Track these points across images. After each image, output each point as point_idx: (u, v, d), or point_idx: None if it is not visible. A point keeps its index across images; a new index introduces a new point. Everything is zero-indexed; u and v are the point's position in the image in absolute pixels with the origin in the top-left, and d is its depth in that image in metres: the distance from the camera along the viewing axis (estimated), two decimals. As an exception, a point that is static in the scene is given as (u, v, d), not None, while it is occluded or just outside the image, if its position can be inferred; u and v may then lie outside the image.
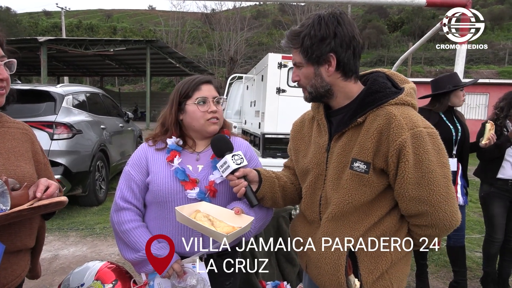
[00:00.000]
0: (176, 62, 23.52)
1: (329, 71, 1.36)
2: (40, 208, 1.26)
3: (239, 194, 1.50)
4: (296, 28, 1.39)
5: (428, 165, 1.25)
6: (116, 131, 7.33)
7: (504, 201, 3.26)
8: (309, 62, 1.37)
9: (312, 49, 1.34)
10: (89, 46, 18.83)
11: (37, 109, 5.37)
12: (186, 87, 1.71)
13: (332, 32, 1.31)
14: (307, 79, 1.40)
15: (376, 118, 1.31)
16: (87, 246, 4.43)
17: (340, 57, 1.34)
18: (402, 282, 1.42)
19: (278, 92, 6.26)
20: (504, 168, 3.21)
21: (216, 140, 1.61)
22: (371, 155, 1.30)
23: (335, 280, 1.38)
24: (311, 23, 1.34)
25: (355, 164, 1.33)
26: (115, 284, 1.73)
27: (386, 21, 45.62)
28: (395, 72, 1.48)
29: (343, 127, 1.38)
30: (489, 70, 29.84)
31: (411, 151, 1.24)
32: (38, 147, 1.55)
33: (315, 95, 1.42)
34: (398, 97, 1.33)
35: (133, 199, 1.70)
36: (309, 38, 1.33)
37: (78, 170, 5.48)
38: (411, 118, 1.28)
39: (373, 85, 1.38)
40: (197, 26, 44.64)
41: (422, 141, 1.25)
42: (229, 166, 1.48)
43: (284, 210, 2.97)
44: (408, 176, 1.25)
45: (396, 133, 1.25)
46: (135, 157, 1.75)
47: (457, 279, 3.31)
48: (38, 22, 53.44)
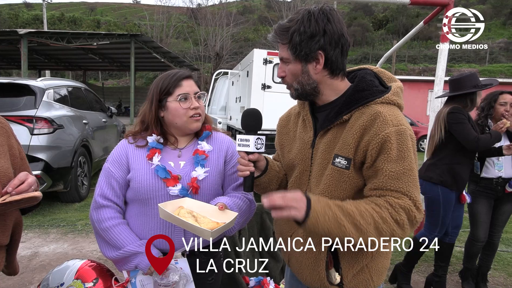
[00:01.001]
0: (161, 57, 23.26)
1: (317, 69, 1.35)
2: (12, 204, 1.22)
3: (240, 174, 1.44)
4: (284, 23, 1.36)
5: (410, 162, 1.25)
6: (99, 126, 7.22)
7: (489, 200, 3.32)
8: (297, 59, 1.35)
9: (301, 46, 1.31)
10: (71, 40, 18.47)
11: (16, 103, 5.23)
12: (166, 83, 1.67)
13: (322, 29, 1.29)
14: (294, 76, 1.38)
15: (361, 115, 1.31)
16: (68, 243, 4.35)
17: (328, 55, 1.32)
18: (382, 275, 1.44)
19: (263, 88, 6.26)
20: (488, 167, 3.28)
21: (249, 113, 1.49)
22: (353, 151, 1.30)
23: (315, 275, 1.40)
24: (301, 18, 1.31)
25: (336, 159, 1.33)
26: (95, 283, 1.70)
27: (371, 19, 46.06)
28: (383, 70, 1.48)
29: (328, 123, 1.38)
30: (470, 68, 30.41)
31: (395, 146, 1.24)
32: (14, 141, 1.51)
33: (301, 92, 1.40)
34: (385, 96, 1.33)
35: (113, 197, 1.67)
36: (298, 35, 1.30)
37: (59, 165, 5.37)
38: (396, 116, 1.28)
39: (360, 83, 1.37)
40: (183, 20, 44.22)
41: (406, 139, 1.25)
42: (248, 145, 1.40)
43: (268, 206, 2.97)
44: (388, 169, 1.24)
45: (381, 127, 1.25)
46: (115, 153, 1.71)
47: (439, 274, 3.37)
48: (19, 14, 52.08)
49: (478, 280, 3.55)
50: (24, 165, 1.53)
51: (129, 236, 1.63)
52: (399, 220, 1.21)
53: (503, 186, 3.26)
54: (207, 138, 1.77)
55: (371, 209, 1.22)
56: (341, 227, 1.19)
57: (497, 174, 3.25)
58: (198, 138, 1.77)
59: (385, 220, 1.21)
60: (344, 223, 1.19)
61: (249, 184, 1.44)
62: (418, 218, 1.24)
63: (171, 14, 44.84)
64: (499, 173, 3.25)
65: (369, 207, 1.22)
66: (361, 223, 1.19)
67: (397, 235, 1.23)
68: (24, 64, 16.06)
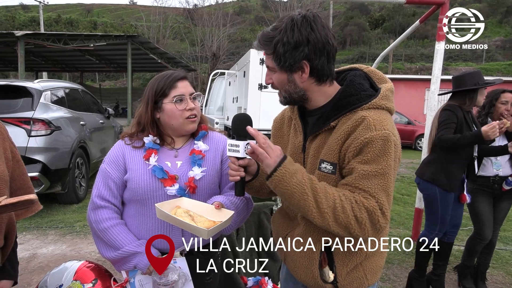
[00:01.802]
0: (157, 57, 23.23)
1: (303, 78, 1.34)
2: (8, 207, 1.22)
3: (231, 179, 1.43)
4: (268, 32, 1.34)
5: (385, 167, 1.24)
6: (96, 127, 7.21)
7: (488, 197, 3.32)
8: (282, 69, 1.34)
9: (285, 56, 1.30)
10: (68, 41, 18.41)
11: (13, 105, 5.22)
12: (162, 84, 1.67)
13: (305, 38, 1.27)
14: (280, 84, 1.39)
15: (347, 121, 1.30)
16: (67, 245, 4.35)
17: (313, 64, 1.31)
18: (376, 274, 1.45)
19: (260, 88, 6.27)
20: (485, 166, 3.29)
21: (238, 119, 1.45)
22: (337, 156, 1.30)
23: (309, 273, 1.41)
24: (284, 28, 1.29)
25: (322, 165, 1.33)
26: (95, 284, 1.70)
27: (368, 18, 46.11)
28: (374, 69, 1.47)
29: (317, 129, 1.38)
30: (467, 67, 30.50)
31: (373, 149, 1.23)
32: (8, 144, 1.50)
33: (289, 100, 1.41)
34: (372, 102, 1.31)
35: (111, 197, 1.67)
36: (282, 45, 1.29)
37: (57, 167, 5.36)
38: (381, 121, 1.26)
39: (348, 88, 1.35)
40: (179, 21, 44.22)
41: (388, 144, 1.24)
42: (238, 151, 1.39)
43: (266, 206, 2.98)
44: (360, 168, 1.24)
45: (362, 132, 1.24)
46: (112, 154, 1.71)
47: (438, 273, 3.37)
48: (15, 16, 51.92)
49: (477, 279, 3.56)
50: (20, 168, 1.53)
51: (128, 236, 1.63)
52: (359, 217, 1.20)
53: (500, 184, 3.27)
54: (203, 137, 1.77)
55: (338, 196, 1.22)
56: (303, 195, 1.21)
57: (494, 172, 3.26)
58: (194, 138, 1.77)
59: (345, 211, 1.20)
60: (308, 195, 1.21)
61: (239, 189, 1.44)
62: (382, 222, 1.22)
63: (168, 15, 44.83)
64: (497, 171, 3.26)
65: (337, 194, 1.23)
66: (322, 202, 1.20)
67: (354, 231, 1.22)
68: (21, 66, 16.00)
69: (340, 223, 1.21)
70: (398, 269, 3.87)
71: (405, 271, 3.75)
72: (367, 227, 1.21)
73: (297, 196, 1.21)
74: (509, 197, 3.36)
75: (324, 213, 1.20)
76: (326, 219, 1.21)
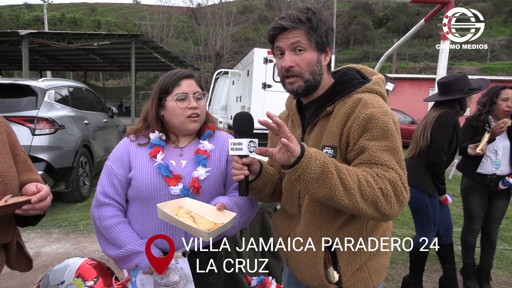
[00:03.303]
0: (161, 57, 23.28)
1: (326, 61, 1.39)
2: (16, 205, 1.23)
3: (235, 178, 1.42)
4: (301, 11, 1.35)
5: (394, 141, 1.24)
6: (100, 126, 7.22)
7: (482, 194, 3.34)
8: (316, 47, 1.35)
9: (325, 34, 1.35)
10: (72, 40, 18.49)
11: (18, 103, 5.24)
12: (167, 82, 1.67)
13: (330, 26, 1.37)
14: (308, 65, 1.35)
15: (344, 105, 1.33)
16: (70, 243, 4.36)
17: (331, 50, 1.41)
18: (381, 274, 1.43)
19: (264, 87, 6.26)
20: (484, 163, 3.27)
21: (240, 117, 1.46)
22: (337, 139, 1.31)
23: (314, 273, 1.39)
24: (316, 12, 1.35)
25: (323, 150, 1.33)
26: (96, 281, 1.70)
27: (372, 18, 46.00)
28: (365, 66, 1.52)
29: (314, 118, 1.41)
30: (471, 66, 30.37)
31: (378, 124, 1.23)
32: (15, 139, 1.50)
33: (310, 84, 1.38)
34: (365, 86, 1.36)
35: (115, 195, 1.67)
36: (322, 24, 1.34)
37: (61, 166, 5.38)
38: (378, 101, 1.30)
39: (342, 77, 1.42)
40: (183, 20, 44.28)
41: (388, 119, 1.25)
42: (242, 149, 1.37)
43: (269, 205, 2.97)
44: (373, 145, 1.23)
45: (361, 110, 1.26)
46: (117, 151, 1.71)
47: (448, 275, 3.34)
48: (20, 15, 52.15)
49: (481, 279, 3.54)
50: (25, 164, 1.52)
51: (130, 235, 1.62)
52: (384, 189, 1.17)
53: (496, 183, 3.26)
54: (209, 137, 1.76)
55: (359, 171, 1.20)
56: (328, 175, 1.15)
57: (493, 171, 3.25)
58: (200, 137, 1.76)
59: (370, 184, 1.17)
60: (333, 174, 1.16)
61: (244, 188, 1.43)
62: (405, 194, 1.21)
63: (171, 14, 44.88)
64: (496, 170, 3.24)
65: (358, 170, 1.21)
66: (347, 179, 1.16)
67: (381, 205, 1.17)
68: (25, 65, 16.09)
69: (367, 198, 1.16)
70: (402, 269, 3.85)
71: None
72: (392, 199, 1.18)
73: (322, 178, 1.15)
74: (504, 196, 3.37)
75: (351, 189, 1.15)
76: (354, 196, 1.16)
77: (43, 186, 1.34)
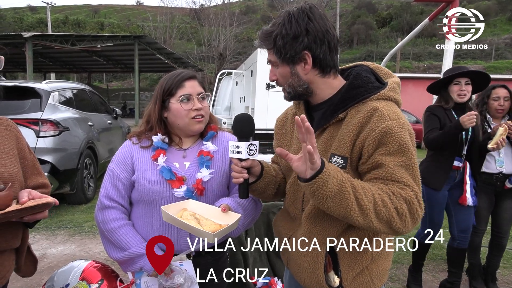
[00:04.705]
0: (164, 58, 23.34)
1: (306, 69, 1.33)
2: (27, 209, 1.23)
3: (235, 181, 1.41)
4: (267, 28, 1.35)
5: (410, 156, 1.21)
6: (104, 128, 7.24)
7: (489, 195, 3.29)
8: (284, 62, 1.33)
9: (286, 48, 1.30)
10: (75, 42, 18.56)
11: (22, 106, 5.26)
12: (170, 84, 1.66)
13: (303, 29, 1.27)
14: (284, 78, 1.37)
15: (357, 113, 1.28)
16: (76, 245, 4.37)
17: (315, 53, 1.30)
18: (383, 277, 1.41)
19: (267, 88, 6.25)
20: (489, 162, 3.24)
21: (240, 119, 1.44)
22: (349, 149, 1.27)
23: (314, 277, 1.37)
24: (282, 21, 1.29)
25: (333, 159, 1.30)
26: (101, 284, 1.70)
27: (375, 17, 45.86)
28: (379, 65, 1.45)
29: (324, 122, 1.36)
30: (476, 65, 30.21)
31: (395, 139, 1.20)
32: (23, 144, 1.51)
33: (293, 95, 1.39)
34: (381, 92, 1.30)
35: (119, 197, 1.67)
36: (281, 38, 1.29)
37: (66, 167, 5.39)
38: (393, 111, 1.25)
39: (355, 80, 1.34)
40: (186, 21, 44.38)
41: (405, 133, 1.22)
42: (241, 152, 1.37)
43: (274, 206, 2.96)
44: (388, 161, 1.20)
45: (377, 122, 1.22)
46: (119, 154, 1.71)
47: (452, 280, 3.31)
48: (23, 17, 52.46)
49: (487, 279, 3.51)
50: (34, 167, 1.53)
51: (134, 238, 1.62)
52: (399, 209, 1.16)
53: (502, 181, 3.22)
54: (212, 138, 1.75)
55: (375, 190, 1.18)
56: (345, 194, 1.14)
57: (498, 170, 3.22)
58: (203, 138, 1.75)
59: (385, 204, 1.16)
60: (350, 193, 1.14)
61: (243, 191, 1.42)
62: (420, 212, 1.19)
63: (174, 15, 45.01)
64: (500, 169, 3.21)
65: (373, 188, 1.19)
66: (363, 199, 1.14)
67: (396, 224, 1.16)
68: (29, 67, 16.17)
69: (382, 218, 1.16)
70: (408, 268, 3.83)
71: (414, 272, 3.71)
72: (407, 218, 1.17)
73: (338, 197, 1.14)
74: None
75: (366, 209, 1.14)
76: (369, 216, 1.15)
77: (37, 194, 1.32)
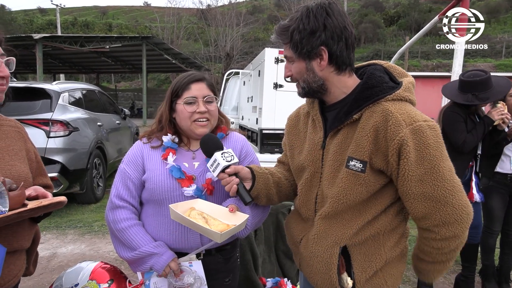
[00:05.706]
0: (172, 58, 23.43)
1: (322, 65, 1.31)
2: (40, 208, 1.24)
3: (231, 192, 1.44)
4: (285, 23, 1.34)
5: (431, 160, 1.19)
6: (113, 128, 7.29)
7: (503, 195, 3.25)
8: (300, 57, 1.32)
9: (302, 43, 1.28)
10: (84, 43, 18.74)
11: (33, 106, 5.32)
12: (178, 85, 1.67)
13: (321, 24, 1.26)
14: (299, 74, 1.36)
15: (372, 114, 1.26)
16: (85, 244, 4.40)
17: (332, 50, 1.28)
18: (397, 280, 1.39)
19: (275, 87, 6.23)
20: (504, 162, 3.20)
21: (205, 139, 1.54)
22: (368, 153, 1.25)
23: (327, 279, 1.35)
24: (299, 16, 1.29)
25: (351, 162, 1.28)
26: (110, 284, 1.71)
27: (382, 15, 45.51)
28: (393, 64, 1.43)
29: (339, 123, 1.33)
30: (486, 63, 29.86)
31: (412, 148, 1.18)
32: (30, 145, 1.52)
33: (308, 91, 1.37)
34: (396, 93, 1.27)
35: (129, 197, 1.67)
36: (298, 33, 1.28)
37: (75, 167, 5.44)
38: (409, 114, 1.23)
39: (370, 80, 1.32)
40: (193, 22, 44.50)
41: (423, 136, 1.19)
42: (219, 164, 1.42)
43: (283, 206, 2.96)
44: (410, 173, 1.20)
45: (394, 131, 1.20)
46: (130, 154, 1.72)
47: (466, 274, 3.30)
48: (33, 19, 53.02)
49: (501, 280, 3.47)
50: (40, 169, 1.54)
51: (144, 237, 1.63)
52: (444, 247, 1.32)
53: None
54: (222, 139, 1.74)
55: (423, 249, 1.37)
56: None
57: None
58: None
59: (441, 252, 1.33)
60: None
61: (245, 196, 1.44)
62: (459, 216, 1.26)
63: (181, 15, 45.15)
64: None
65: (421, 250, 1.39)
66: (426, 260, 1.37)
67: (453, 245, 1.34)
68: (40, 68, 16.37)
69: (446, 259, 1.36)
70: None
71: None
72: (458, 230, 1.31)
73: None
74: None
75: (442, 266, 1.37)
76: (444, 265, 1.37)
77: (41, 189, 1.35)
